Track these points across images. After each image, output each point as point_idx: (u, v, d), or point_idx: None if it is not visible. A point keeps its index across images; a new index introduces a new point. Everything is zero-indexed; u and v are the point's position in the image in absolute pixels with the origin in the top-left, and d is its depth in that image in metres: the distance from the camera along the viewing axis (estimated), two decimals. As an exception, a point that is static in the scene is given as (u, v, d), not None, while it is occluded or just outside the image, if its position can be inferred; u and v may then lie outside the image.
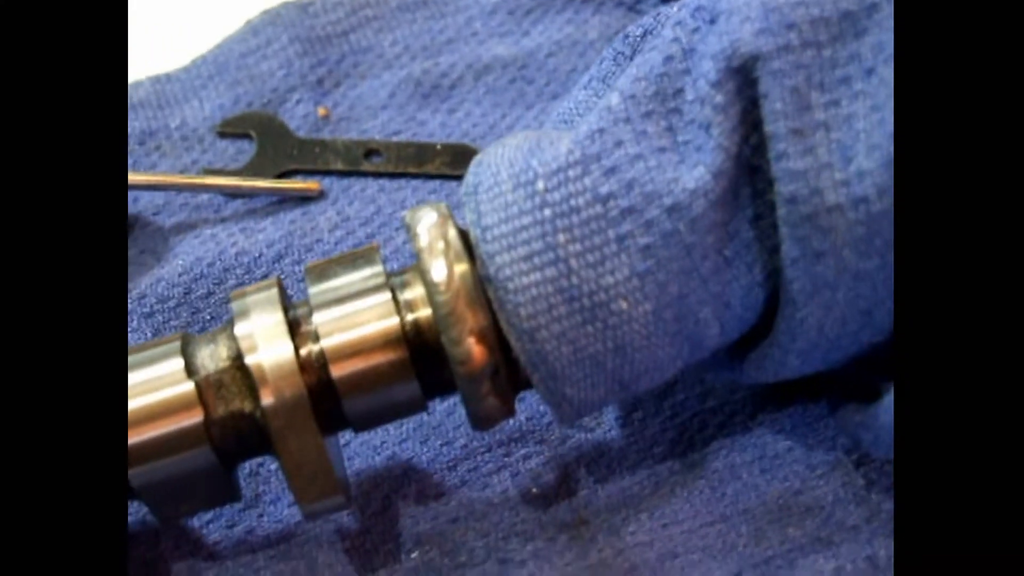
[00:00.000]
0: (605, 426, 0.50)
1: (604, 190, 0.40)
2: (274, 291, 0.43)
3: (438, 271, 0.41)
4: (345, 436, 0.50)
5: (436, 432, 0.50)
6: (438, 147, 0.59)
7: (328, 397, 0.42)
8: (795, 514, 0.47)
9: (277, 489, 0.49)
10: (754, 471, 0.48)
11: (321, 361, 0.42)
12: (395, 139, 0.60)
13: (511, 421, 0.50)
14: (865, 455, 0.48)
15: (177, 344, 0.43)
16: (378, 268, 0.43)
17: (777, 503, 0.47)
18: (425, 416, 0.50)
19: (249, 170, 0.59)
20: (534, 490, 0.49)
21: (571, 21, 0.63)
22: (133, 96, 0.62)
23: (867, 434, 0.44)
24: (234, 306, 0.43)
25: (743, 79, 0.40)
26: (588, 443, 0.49)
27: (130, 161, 0.60)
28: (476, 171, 0.43)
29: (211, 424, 0.42)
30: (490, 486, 0.49)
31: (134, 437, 0.42)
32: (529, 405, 0.50)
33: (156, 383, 0.42)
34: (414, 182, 0.58)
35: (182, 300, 0.54)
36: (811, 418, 0.49)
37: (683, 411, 0.50)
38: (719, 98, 0.40)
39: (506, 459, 0.49)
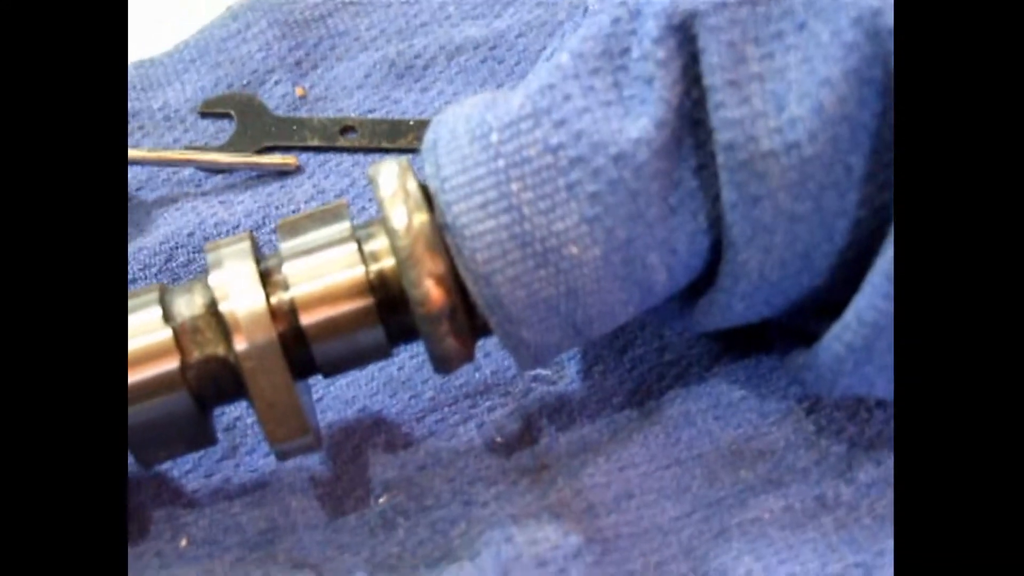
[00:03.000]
0: (567, 379, 0.52)
1: (554, 141, 0.43)
2: (246, 243, 0.45)
3: (398, 218, 0.43)
4: (319, 391, 0.52)
5: (405, 386, 0.53)
6: (411, 123, 0.62)
7: (298, 343, 0.44)
8: (747, 458, 0.49)
9: (253, 441, 0.51)
10: (708, 418, 0.50)
11: (291, 308, 0.44)
12: (370, 116, 0.63)
13: (476, 375, 0.52)
14: (815, 403, 0.50)
15: (155, 294, 0.45)
16: (345, 223, 0.46)
17: (730, 448, 0.50)
18: (395, 371, 0.53)
19: (229, 147, 0.62)
20: (498, 439, 0.51)
21: (541, 3, 0.66)
22: (119, 81, 0.65)
23: (809, 374, 0.46)
24: (208, 257, 0.45)
25: (683, 35, 0.42)
26: (550, 395, 0.52)
27: (116, 141, 0.63)
28: (435, 128, 0.45)
29: (187, 368, 0.44)
30: (456, 436, 0.51)
31: (114, 382, 0.44)
32: (494, 360, 0.53)
33: (135, 331, 0.44)
34: (388, 156, 0.61)
35: (163, 267, 0.57)
36: (764, 369, 0.52)
37: (641, 364, 0.52)
38: (660, 53, 0.42)
39: (472, 411, 0.52)
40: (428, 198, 0.44)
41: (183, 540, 0.49)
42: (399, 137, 0.61)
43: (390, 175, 0.44)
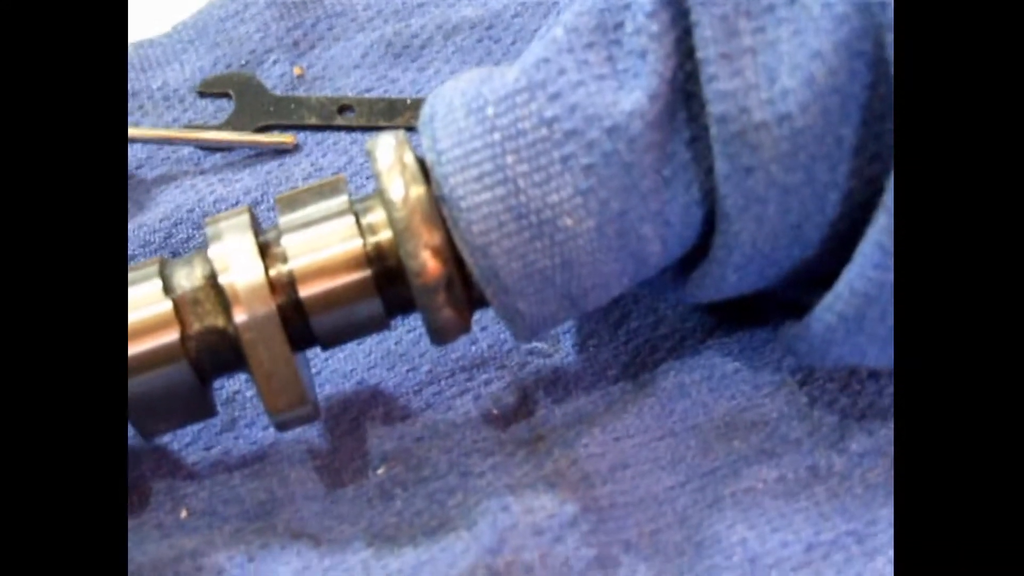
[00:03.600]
0: (563, 352, 0.53)
1: (549, 114, 0.43)
2: (245, 217, 0.46)
3: (396, 190, 0.44)
4: (316, 365, 0.53)
5: (402, 359, 0.53)
6: (408, 102, 0.62)
7: (297, 315, 0.45)
8: (741, 429, 0.50)
9: (252, 414, 0.52)
10: (703, 390, 0.51)
11: (290, 280, 0.45)
12: (367, 95, 0.63)
13: (473, 348, 0.53)
14: (808, 375, 0.51)
15: (155, 267, 0.46)
16: (343, 196, 0.46)
17: (724, 419, 0.50)
18: (392, 345, 0.53)
19: (228, 126, 0.62)
20: (494, 411, 0.52)
21: (535, -17, 0.66)
22: (118, 61, 0.65)
23: (802, 344, 0.46)
24: (208, 230, 0.46)
25: (676, 9, 0.43)
26: (546, 368, 0.52)
27: (115, 121, 0.63)
28: (432, 102, 0.46)
29: (187, 339, 0.45)
30: (453, 408, 0.52)
31: (115, 354, 0.45)
32: (491, 333, 0.53)
33: (136, 303, 0.45)
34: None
35: (162, 244, 0.57)
36: (758, 342, 0.52)
37: (636, 337, 0.53)
38: (654, 27, 0.43)
39: (468, 383, 0.52)
40: (425, 171, 0.45)
41: (183, 511, 0.50)
42: (396, 116, 0.62)
43: (387, 148, 0.45)
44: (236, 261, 0.45)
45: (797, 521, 0.47)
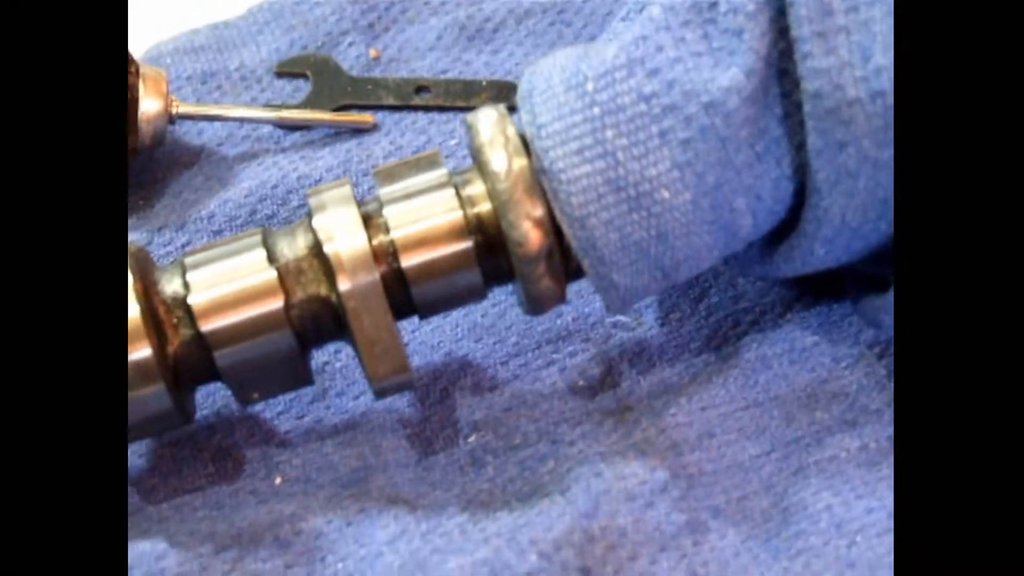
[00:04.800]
0: (645, 326, 0.54)
1: (647, 89, 0.44)
2: (347, 188, 0.47)
3: (499, 162, 0.45)
4: (405, 336, 0.54)
5: (489, 332, 0.54)
6: (484, 83, 0.64)
7: (398, 284, 0.46)
8: (822, 400, 0.51)
9: (342, 384, 0.53)
10: (784, 362, 0.52)
11: (392, 250, 0.46)
12: (443, 77, 0.64)
13: (558, 321, 0.54)
14: (886, 348, 0.52)
15: (259, 237, 0.47)
16: (442, 169, 0.48)
17: (805, 391, 0.52)
18: (479, 318, 0.55)
19: (306, 105, 0.64)
20: (580, 383, 0.53)
21: (605, -32, 0.67)
22: (194, 41, 0.67)
23: (887, 316, 0.48)
24: (311, 201, 0.47)
25: (771, -11, 0.44)
26: (630, 341, 0.54)
27: (192, 99, 0.65)
28: (530, 78, 0.47)
29: (291, 307, 0.46)
30: (540, 379, 0.53)
31: (221, 321, 0.46)
32: (575, 307, 0.54)
33: (240, 271, 0.46)
34: (462, 115, 0.63)
35: (248, 219, 0.59)
36: (836, 316, 0.53)
37: (717, 311, 0.54)
38: (750, 6, 0.44)
39: (554, 355, 0.54)
40: (525, 144, 0.46)
41: (277, 478, 0.51)
42: (473, 96, 0.63)
43: (489, 121, 0.46)
44: (341, 231, 0.46)
45: (880, 488, 0.48)
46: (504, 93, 0.63)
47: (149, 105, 0.58)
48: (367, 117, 0.63)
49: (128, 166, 0.60)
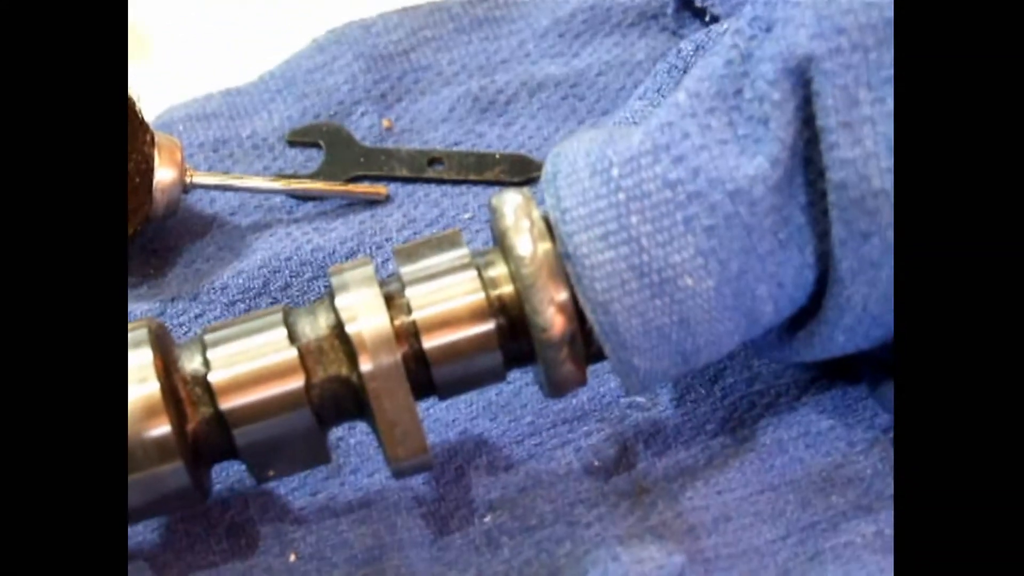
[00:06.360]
0: (660, 406, 0.54)
1: (673, 176, 0.45)
2: (370, 268, 0.47)
3: (524, 246, 0.45)
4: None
5: (504, 410, 0.54)
6: (497, 156, 0.64)
7: (419, 365, 0.46)
8: (838, 484, 0.51)
9: (356, 461, 0.53)
10: (799, 446, 0.52)
11: (414, 331, 0.46)
12: (456, 149, 0.65)
13: (573, 401, 0.54)
14: (900, 433, 0.52)
15: (279, 315, 0.47)
16: (464, 250, 0.48)
17: (821, 475, 0.52)
18: (494, 396, 0.55)
19: (319, 175, 0.64)
20: (596, 463, 0.53)
21: (619, 44, 0.68)
22: (206, 107, 0.67)
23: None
24: (333, 281, 0.47)
25: (798, 78, 0.44)
26: (645, 421, 0.54)
27: (204, 166, 0.65)
28: (554, 161, 0.47)
29: (311, 387, 0.46)
30: (555, 459, 0.53)
31: (241, 400, 0.46)
32: (590, 387, 0.54)
33: (261, 350, 0.46)
34: (475, 188, 0.63)
35: (262, 291, 0.59)
36: (851, 400, 0.54)
37: (732, 393, 0.54)
38: (776, 95, 0.45)
39: (569, 435, 0.54)
40: (548, 227, 0.46)
41: (291, 555, 0.51)
42: (486, 169, 0.63)
43: (514, 204, 0.46)
44: (364, 311, 0.46)
45: (896, 575, 0.48)
46: (517, 167, 0.63)
47: (164, 174, 0.58)
48: (381, 188, 0.63)
49: (141, 234, 0.60)
